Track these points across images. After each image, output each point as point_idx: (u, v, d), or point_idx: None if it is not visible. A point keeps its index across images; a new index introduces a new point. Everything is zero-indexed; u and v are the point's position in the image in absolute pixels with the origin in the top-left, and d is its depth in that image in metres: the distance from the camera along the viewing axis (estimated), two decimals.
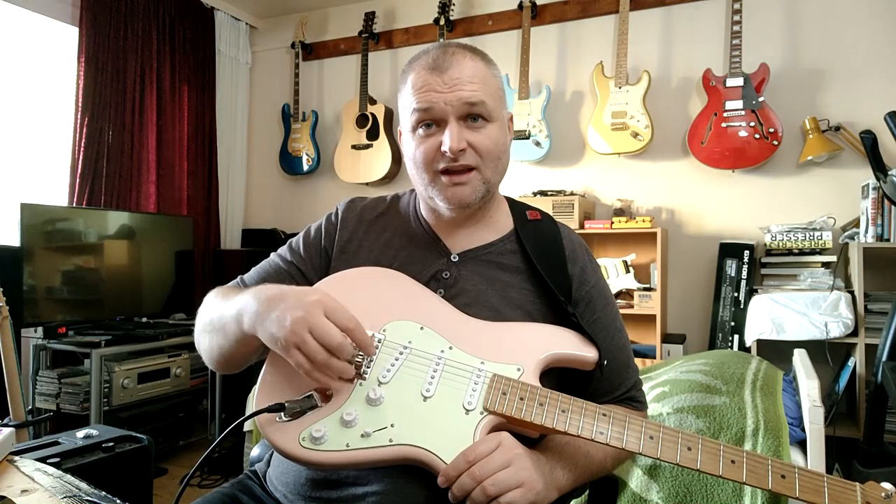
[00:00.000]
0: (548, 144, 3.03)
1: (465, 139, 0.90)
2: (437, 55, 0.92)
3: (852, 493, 0.71)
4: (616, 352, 0.97)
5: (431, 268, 0.97)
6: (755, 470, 0.73)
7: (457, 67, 0.90)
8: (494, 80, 0.94)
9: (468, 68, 0.91)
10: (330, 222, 1.05)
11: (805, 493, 0.71)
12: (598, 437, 0.77)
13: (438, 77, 0.90)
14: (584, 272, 0.98)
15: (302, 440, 0.78)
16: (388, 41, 3.60)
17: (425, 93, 0.90)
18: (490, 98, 0.92)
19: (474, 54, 0.94)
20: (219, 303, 0.94)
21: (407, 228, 1.02)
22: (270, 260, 1.06)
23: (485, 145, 0.91)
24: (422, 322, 0.89)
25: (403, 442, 0.78)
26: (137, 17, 3.24)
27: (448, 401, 0.82)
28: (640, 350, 2.74)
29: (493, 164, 0.93)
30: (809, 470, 0.73)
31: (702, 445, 0.75)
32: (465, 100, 0.89)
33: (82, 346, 2.58)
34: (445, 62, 0.90)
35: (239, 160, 3.93)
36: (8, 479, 0.86)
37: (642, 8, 3.00)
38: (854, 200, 2.58)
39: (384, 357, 0.86)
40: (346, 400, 0.81)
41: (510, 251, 0.99)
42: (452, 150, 0.88)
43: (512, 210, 1.05)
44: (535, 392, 0.81)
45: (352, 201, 1.08)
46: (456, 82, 0.89)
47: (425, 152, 0.91)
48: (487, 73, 0.94)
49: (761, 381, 1.67)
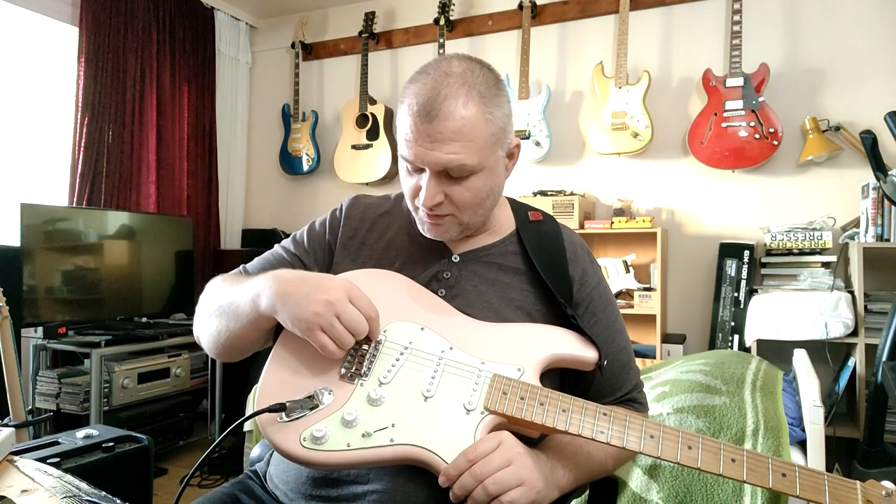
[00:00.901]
0: (548, 144, 3.03)
1: (443, 191, 0.88)
2: (431, 97, 0.84)
3: (853, 492, 0.71)
4: (617, 353, 0.97)
5: (432, 268, 0.97)
6: (755, 468, 0.73)
7: (445, 118, 0.83)
8: (487, 127, 0.86)
9: (456, 121, 0.83)
10: (335, 217, 1.05)
11: (806, 492, 0.71)
12: (599, 437, 0.77)
13: (425, 127, 0.84)
14: (585, 274, 0.98)
15: (303, 440, 0.78)
16: (388, 41, 3.60)
17: (410, 143, 0.86)
18: (476, 153, 0.85)
19: (468, 97, 0.84)
20: (227, 287, 0.94)
21: (409, 228, 1.02)
22: (274, 251, 1.06)
23: (463, 198, 0.89)
24: (422, 323, 0.89)
25: (404, 442, 0.78)
26: (137, 17, 3.24)
27: (449, 401, 0.82)
28: (640, 350, 2.74)
29: (471, 211, 0.91)
30: (810, 468, 0.73)
31: (702, 444, 0.75)
32: (444, 164, 0.85)
33: (82, 346, 2.58)
34: (434, 109, 0.83)
35: (239, 160, 3.93)
36: (8, 479, 0.86)
37: (642, 8, 3.00)
38: (854, 200, 2.58)
39: (385, 357, 0.86)
40: (348, 400, 0.82)
41: (511, 252, 0.99)
42: (426, 206, 0.89)
43: (514, 211, 1.05)
44: (536, 392, 0.81)
45: (356, 198, 1.08)
46: (438, 138, 0.84)
47: (409, 189, 0.92)
48: (479, 121, 0.85)
49: (761, 381, 1.68)
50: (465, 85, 0.85)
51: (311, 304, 0.80)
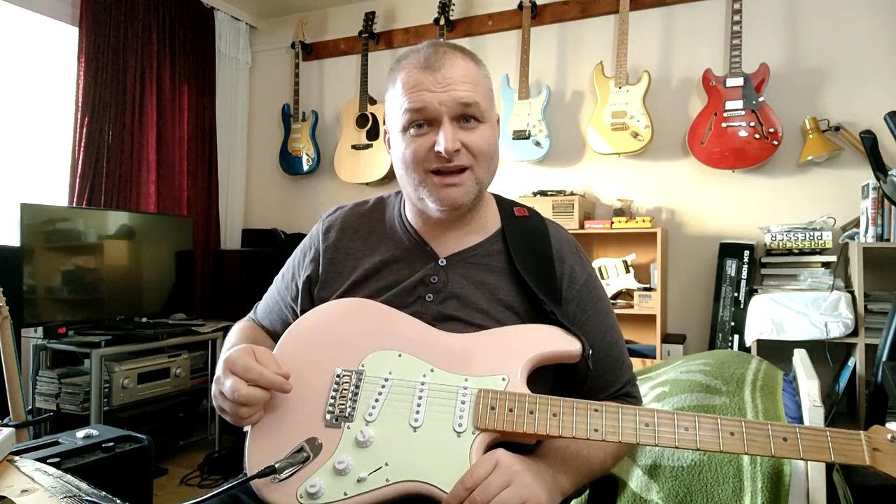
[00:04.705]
0: (548, 144, 3.03)
1: (460, 139, 0.89)
2: (429, 54, 0.90)
3: (857, 443, 0.69)
4: (609, 348, 0.96)
5: (419, 273, 0.96)
6: (756, 438, 0.72)
7: (450, 67, 0.89)
8: (486, 81, 0.94)
9: (461, 68, 0.90)
10: (313, 243, 1.06)
11: (810, 453, 0.70)
12: (594, 436, 0.77)
13: (431, 76, 0.88)
14: (573, 271, 0.97)
15: (300, 497, 0.77)
16: (388, 41, 3.60)
17: (418, 92, 0.88)
18: (483, 99, 0.91)
19: (465, 54, 0.93)
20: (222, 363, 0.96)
21: (393, 233, 1.02)
22: (272, 295, 1.11)
23: (479, 145, 0.90)
24: (399, 349, 0.88)
25: (400, 479, 0.77)
26: (137, 17, 3.24)
27: (437, 427, 0.80)
28: (640, 350, 2.74)
29: (486, 163, 0.93)
30: (811, 427, 0.72)
31: (699, 423, 0.74)
32: (460, 100, 0.88)
33: (82, 346, 2.58)
34: (438, 61, 0.89)
35: (239, 160, 3.93)
36: (8, 479, 0.86)
37: (642, 8, 3.00)
38: (854, 200, 2.58)
39: (367, 393, 0.84)
40: (336, 447, 0.80)
41: (497, 251, 0.98)
42: (448, 150, 0.87)
43: (500, 208, 1.04)
44: (524, 400, 0.79)
45: (332, 212, 1.08)
46: (449, 82, 0.88)
47: (416, 151, 0.90)
48: (479, 73, 0.93)
49: (761, 381, 1.67)
50: (457, 48, 0.94)
51: (214, 399, 0.87)
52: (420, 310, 0.93)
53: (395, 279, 0.96)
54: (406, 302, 0.94)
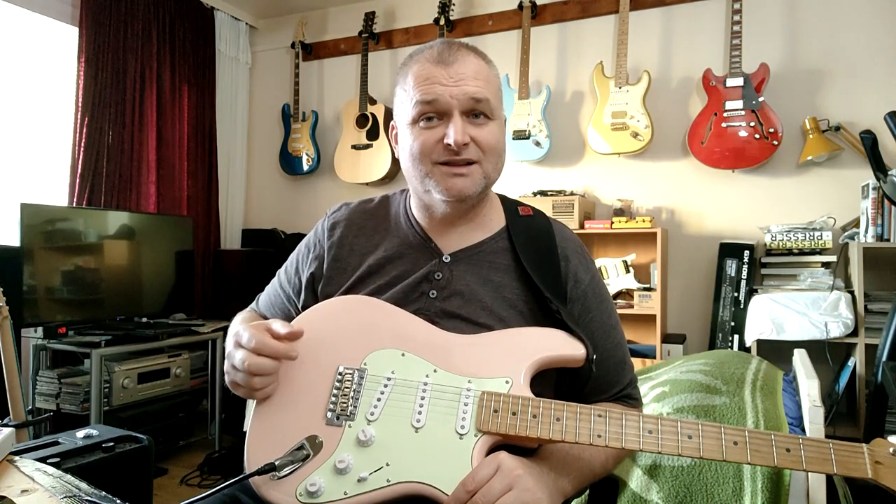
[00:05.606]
0: (548, 144, 3.03)
1: (469, 133, 0.89)
2: (442, 49, 0.92)
3: (860, 455, 0.69)
4: (612, 349, 0.96)
5: (423, 269, 0.95)
6: (759, 448, 0.72)
7: (462, 62, 0.91)
8: (496, 80, 0.95)
9: (473, 65, 0.91)
10: (318, 240, 1.05)
11: (812, 465, 0.70)
12: (597, 441, 0.76)
13: (444, 70, 0.90)
14: (578, 270, 0.97)
15: (299, 495, 0.77)
16: (388, 41, 3.60)
17: (430, 85, 0.89)
18: (493, 97, 0.92)
19: (477, 53, 0.94)
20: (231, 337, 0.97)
21: (398, 230, 1.01)
22: (273, 287, 1.12)
23: (488, 140, 0.91)
24: (402, 348, 0.87)
25: (401, 480, 0.76)
26: (137, 17, 3.24)
27: (440, 428, 0.80)
28: (640, 350, 2.74)
29: (494, 159, 0.93)
30: (814, 439, 0.72)
31: (702, 431, 0.74)
32: (472, 95, 0.89)
33: (82, 346, 2.57)
34: (451, 56, 0.91)
35: (239, 160, 3.93)
36: (8, 479, 0.86)
37: (642, 8, 3.00)
38: (854, 200, 2.58)
39: (369, 392, 0.84)
40: (337, 446, 0.80)
41: (502, 249, 0.98)
42: (457, 142, 0.88)
43: (504, 207, 1.04)
44: (528, 404, 0.79)
45: (337, 208, 1.08)
46: (462, 76, 0.89)
47: (424, 143, 0.90)
48: (490, 72, 0.94)
49: (761, 381, 1.67)
50: (469, 47, 0.95)
51: (226, 372, 0.89)
52: (423, 306, 0.92)
53: (398, 275, 0.95)
54: (410, 298, 0.93)
